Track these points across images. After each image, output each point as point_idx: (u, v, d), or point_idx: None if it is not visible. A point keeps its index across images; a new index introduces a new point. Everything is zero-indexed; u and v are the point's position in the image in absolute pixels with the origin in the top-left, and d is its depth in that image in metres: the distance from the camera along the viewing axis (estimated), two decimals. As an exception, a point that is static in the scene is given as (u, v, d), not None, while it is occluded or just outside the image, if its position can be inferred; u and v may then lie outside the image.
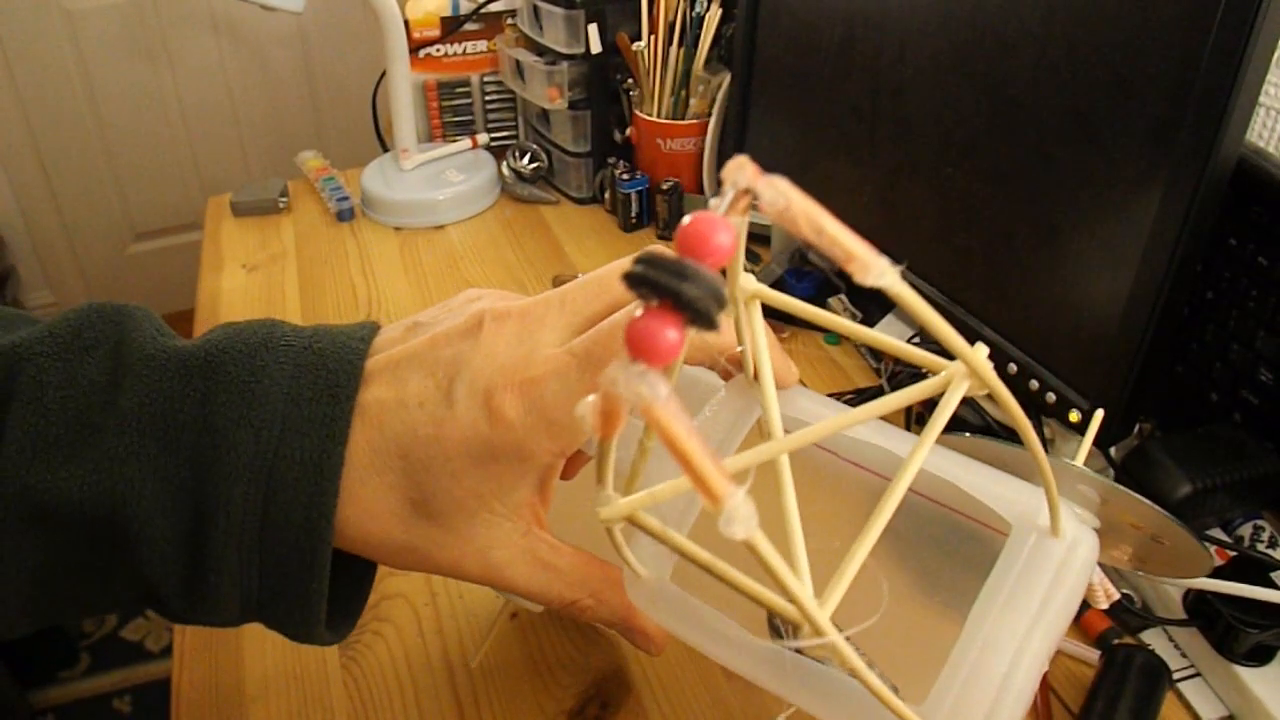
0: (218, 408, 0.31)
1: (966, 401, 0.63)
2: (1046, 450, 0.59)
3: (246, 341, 0.32)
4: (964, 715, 0.29)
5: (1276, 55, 0.42)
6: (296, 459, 0.30)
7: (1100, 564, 0.53)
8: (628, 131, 1.00)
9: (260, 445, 0.30)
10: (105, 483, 0.30)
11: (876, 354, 0.74)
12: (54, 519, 0.30)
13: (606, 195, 1.02)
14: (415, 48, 1.06)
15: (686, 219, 0.19)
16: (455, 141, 1.11)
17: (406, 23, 1.03)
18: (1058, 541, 0.32)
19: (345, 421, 0.31)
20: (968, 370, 0.26)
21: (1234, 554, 0.53)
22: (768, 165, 0.18)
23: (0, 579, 0.31)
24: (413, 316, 0.36)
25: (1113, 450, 0.56)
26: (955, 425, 0.64)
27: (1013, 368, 0.57)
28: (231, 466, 0.30)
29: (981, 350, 0.26)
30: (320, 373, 0.32)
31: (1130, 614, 0.53)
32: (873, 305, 0.74)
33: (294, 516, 0.31)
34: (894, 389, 0.44)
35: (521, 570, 0.34)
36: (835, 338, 0.78)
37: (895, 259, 0.42)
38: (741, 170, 0.21)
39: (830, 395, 0.49)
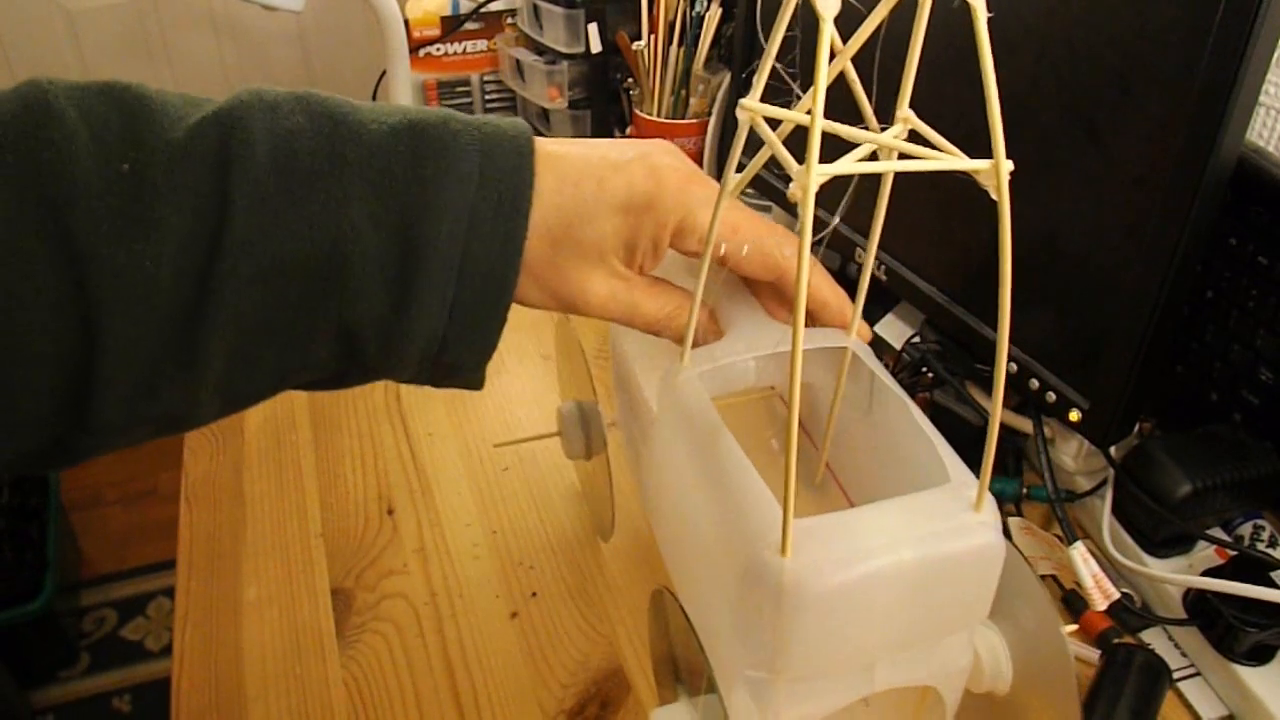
0: (425, 162, 0.36)
1: (966, 401, 0.63)
2: (1047, 451, 0.59)
3: (437, 113, 0.38)
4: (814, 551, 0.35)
5: (1276, 55, 0.42)
6: (493, 202, 0.36)
7: (1100, 564, 0.53)
8: (628, 131, 1.00)
9: (463, 193, 0.36)
10: (329, 227, 0.34)
11: (876, 352, 0.74)
12: (277, 268, 0.34)
13: (606, 195, 1.02)
14: (415, 47, 1.06)
15: None
16: (455, 141, 1.11)
17: (406, 22, 1.03)
18: (974, 513, 0.36)
19: (529, 173, 0.37)
20: (992, 170, 0.32)
21: (1234, 554, 0.53)
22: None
23: (215, 334, 0.33)
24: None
25: (1113, 450, 0.57)
26: (956, 425, 0.64)
27: (1013, 367, 0.57)
28: (439, 211, 0.35)
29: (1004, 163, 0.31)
30: (504, 136, 0.38)
31: (1130, 613, 0.53)
32: (874, 304, 0.74)
33: (491, 250, 0.36)
34: (900, 384, 0.44)
35: (618, 298, 0.42)
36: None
37: (896, 259, 0.43)
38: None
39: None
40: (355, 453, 0.70)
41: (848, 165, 0.32)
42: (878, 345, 0.73)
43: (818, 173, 0.29)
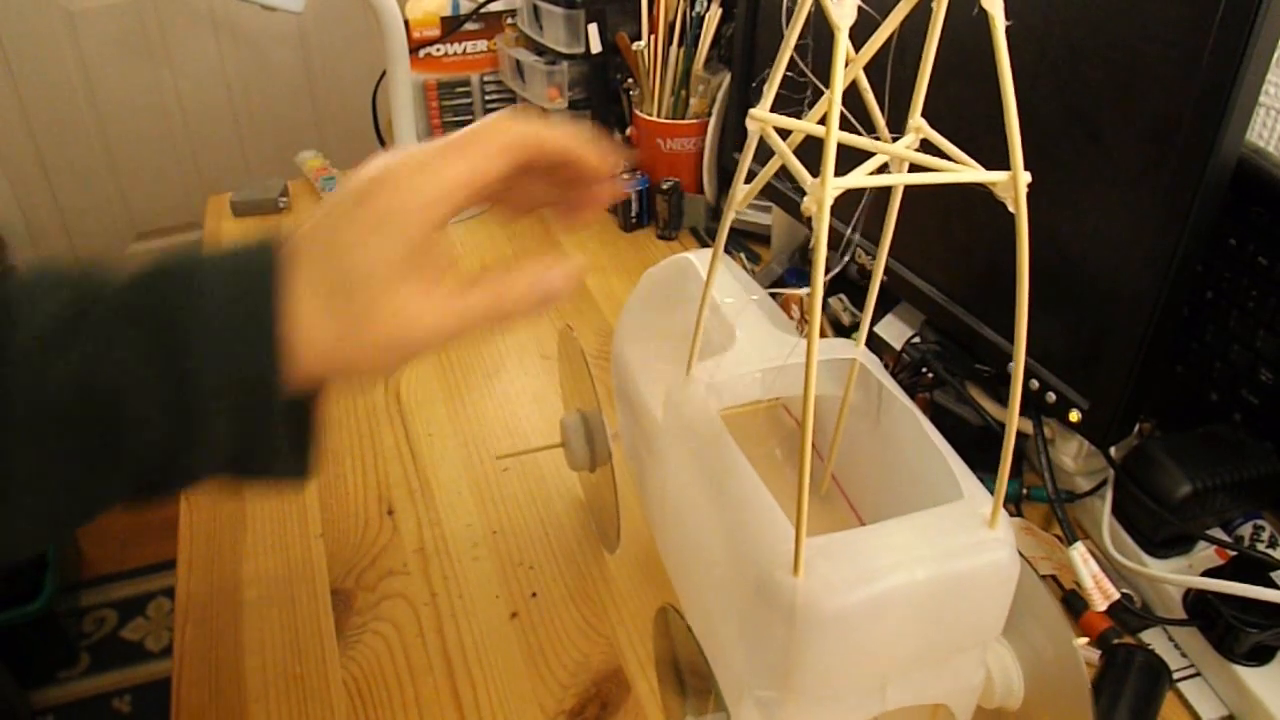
0: (173, 296, 0.37)
1: (967, 402, 0.63)
2: (1047, 451, 0.59)
3: (183, 250, 0.39)
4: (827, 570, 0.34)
5: (1276, 55, 0.42)
6: (243, 315, 0.37)
7: (1100, 564, 0.53)
8: (628, 131, 1.00)
9: (213, 317, 0.36)
10: (96, 372, 0.35)
11: (876, 352, 0.74)
12: (50, 417, 0.35)
13: (606, 195, 1.02)
14: (415, 47, 1.06)
15: None
16: (455, 141, 1.11)
17: (406, 23, 1.03)
18: (988, 530, 0.36)
19: (275, 276, 0.38)
20: (1009, 182, 0.32)
21: (1234, 554, 0.53)
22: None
23: (13, 484, 0.35)
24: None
25: (1113, 450, 0.56)
26: (955, 425, 0.64)
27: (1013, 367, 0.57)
28: (198, 340, 0.36)
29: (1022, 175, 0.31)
30: (247, 251, 0.39)
31: (1130, 614, 0.53)
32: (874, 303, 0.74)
33: (251, 363, 0.37)
34: (900, 383, 0.44)
35: (437, 307, 0.40)
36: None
37: (896, 259, 0.43)
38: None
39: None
40: (355, 453, 0.70)
41: (861, 178, 0.31)
42: (878, 345, 0.73)
43: (832, 186, 0.29)
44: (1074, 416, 0.53)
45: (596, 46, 0.96)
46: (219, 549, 0.62)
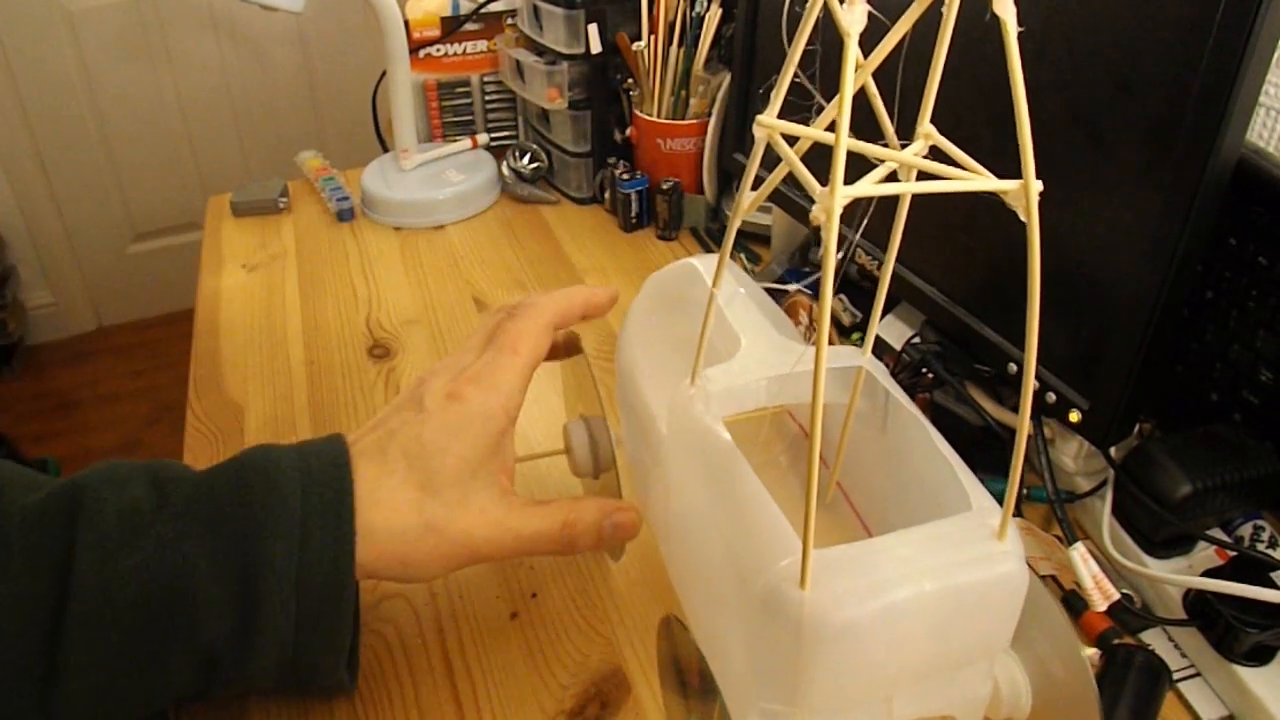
0: (249, 489, 0.39)
1: (967, 402, 0.63)
2: (1047, 451, 0.59)
3: (256, 447, 0.42)
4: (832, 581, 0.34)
5: (1276, 55, 0.42)
6: (318, 511, 0.39)
7: (1100, 564, 0.53)
8: (628, 131, 1.00)
9: (289, 509, 0.38)
10: (163, 563, 0.37)
11: (876, 352, 0.74)
12: (119, 605, 0.36)
13: (606, 195, 1.03)
14: (415, 48, 1.06)
15: None
16: (455, 141, 1.11)
17: (406, 23, 1.03)
18: (997, 542, 0.36)
19: (347, 469, 0.40)
20: (1020, 191, 0.31)
21: (1234, 554, 0.53)
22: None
23: (74, 673, 0.36)
24: (374, 420, 0.46)
25: (1113, 450, 0.57)
26: (955, 425, 0.64)
27: (1012, 367, 0.57)
28: (271, 530, 0.38)
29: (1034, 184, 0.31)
30: (320, 448, 0.41)
31: (1130, 614, 0.53)
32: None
33: (325, 556, 0.38)
34: (900, 384, 0.44)
35: (515, 520, 0.42)
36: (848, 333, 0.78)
37: (897, 258, 0.43)
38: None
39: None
40: (355, 453, 0.70)
41: (870, 187, 0.31)
42: (878, 346, 0.73)
43: (842, 194, 0.29)
44: (1074, 417, 0.53)
45: (596, 46, 0.96)
46: (219, 549, 0.62)
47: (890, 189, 0.31)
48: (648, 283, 0.56)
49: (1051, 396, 0.55)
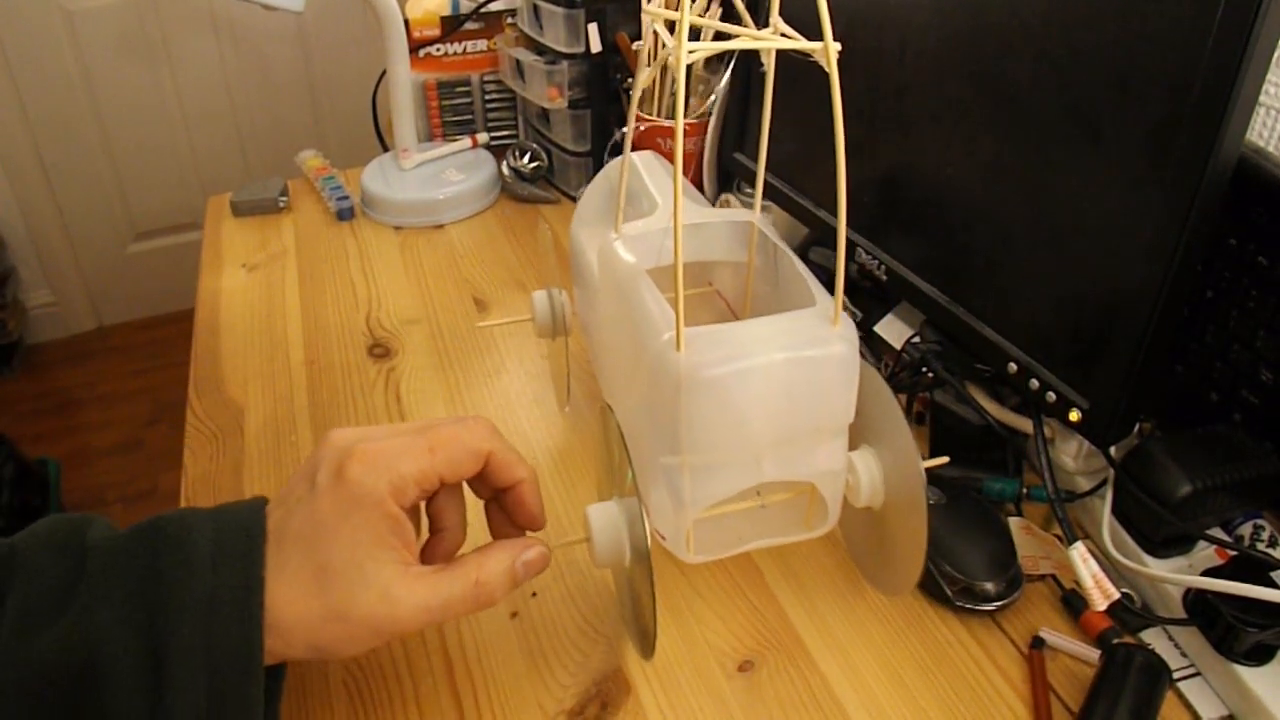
0: (162, 557, 0.39)
1: (967, 402, 0.63)
2: (1047, 451, 0.59)
3: (178, 512, 0.41)
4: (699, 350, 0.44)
5: (1276, 55, 0.42)
6: (228, 587, 0.39)
7: (1100, 564, 0.53)
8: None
9: (198, 582, 0.38)
10: (81, 633, 0.37)
11: (876, 352, 0.74)
12: (40, 681, 0.37)
13: (606, 195, 1.03)
14: (415, 47, 1.06)
15: None
16: (455, 141, 1.11)
17: (406, 22, 1.03)
18: (832, 327, 0.46)
19: (260, 551, 0.40)
20: (823, 50, 0.42)
21: (1234, 554, 0.53)
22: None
23: None
24: (286, 487, 0.45)
25: (1113, 450, 0.57)
26: (955, 425, 0.64)
27: (1013, 367, 0.57)
28: (179, 604, 0.38)
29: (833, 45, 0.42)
30: (236, 519, 0.41)
31: (1130, 613, 0.53)
32: (874, 305, 0.74)
33: (232, 638, 0.38)
34: (894, 387, 0.45)
35: (421, 593, 0.41)
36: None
37: (896, 258, 0.44)
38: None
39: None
40: (355, 453, 0.70)
41: (709, 45, 0.42)
42: (878, 345, 0.73)
43: (687, 49, 0.40)
44: (1074, 416, 0.53)
45: (596, 46, 0.96)
46: (219, 549, 0.62)
47: (721, 46, 0.42)
48: (598, 176, 0.66)
49: (1051, 396, 0.55)
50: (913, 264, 0.65)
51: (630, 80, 0.98)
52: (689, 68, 0.92)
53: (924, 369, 0.66)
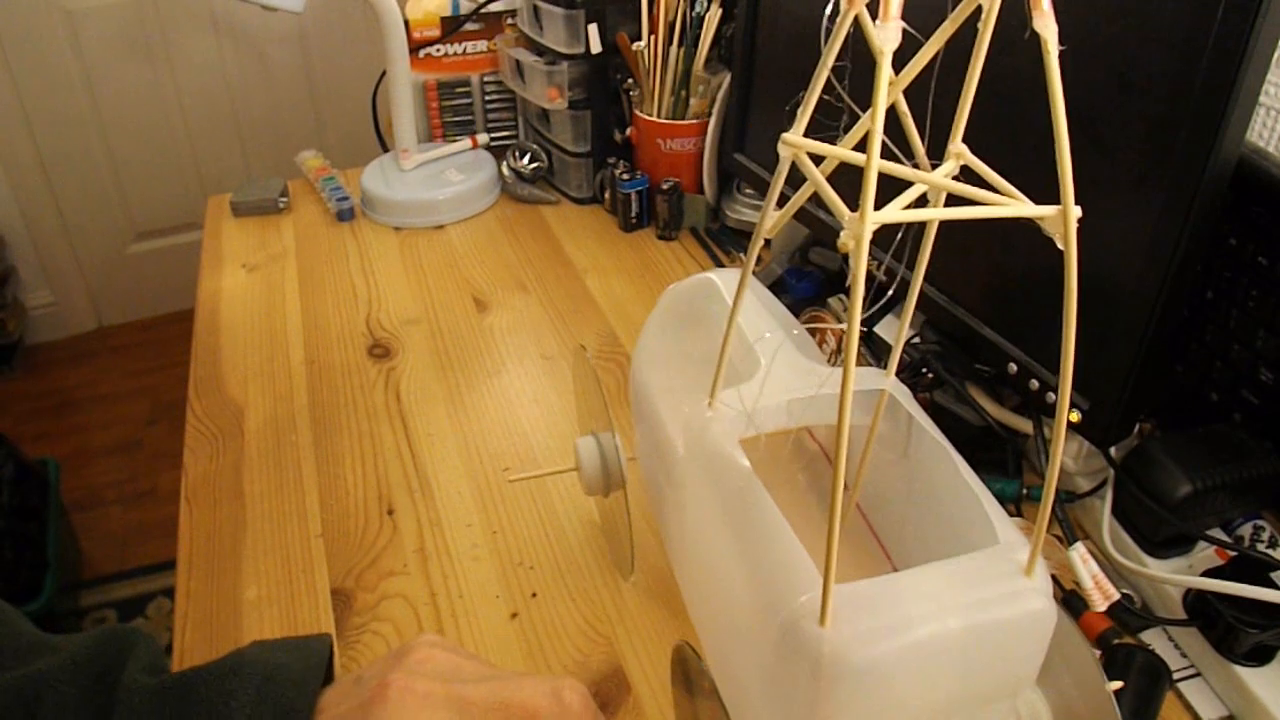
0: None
1: (967, 402, 0.63)
2: (1045, 451, 0.59)
3: (219, 666, 0.37)
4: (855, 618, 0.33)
5: (1276, 55, 0.42)
6: None
7: (1100, 564, 0.53)
8: (628, 131, 1.00)
9: None
10: None
11: (876, 353, 0.74)
12: None
13: (606, 195, 1.03)
14: (415, 48, 1.06)
15: None
16: (455, 141, 1.11)
17: (406, 23, 1.03)
18: (1025, 578, 0.34)
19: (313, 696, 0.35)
20: (1059, 217, 0.29)
21: (1234, 554, 0.53)
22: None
23: None
24: (357, 671, 0.39)
25: (1113, 450, 0.56)
26: (955, 425, 0.64)
27: (1013, 368, 0.57)
28: None
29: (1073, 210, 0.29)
30: (281, 701, 0.36)
31: (1130, 614, 0.53)
32: (874, 305, 0.74)
33: None
34: (900, 383, 0.44)
35: None
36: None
37: (896, 258, 0.43)
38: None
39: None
40: (355, 453, 0.70)
41: (901, 213, 0.28)
42: (877, 345, 0.73)
43: (872, 220, 0.27)
44: (1074, 417, 0.53)
45: (596, 46, 0.96)
46: (219, 549, 0.62)
47: (921, 215, 0.29)
48: (664, 296, 0.55)
49: (1051, 397, 0.55)
50: (912, 264, 0.65)
51: (630, 80, 0.98)
52: (688, 70, 0.93)
53: (924, 369, 0.66)
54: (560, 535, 0.62)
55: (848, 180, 0.27)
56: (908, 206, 0.29)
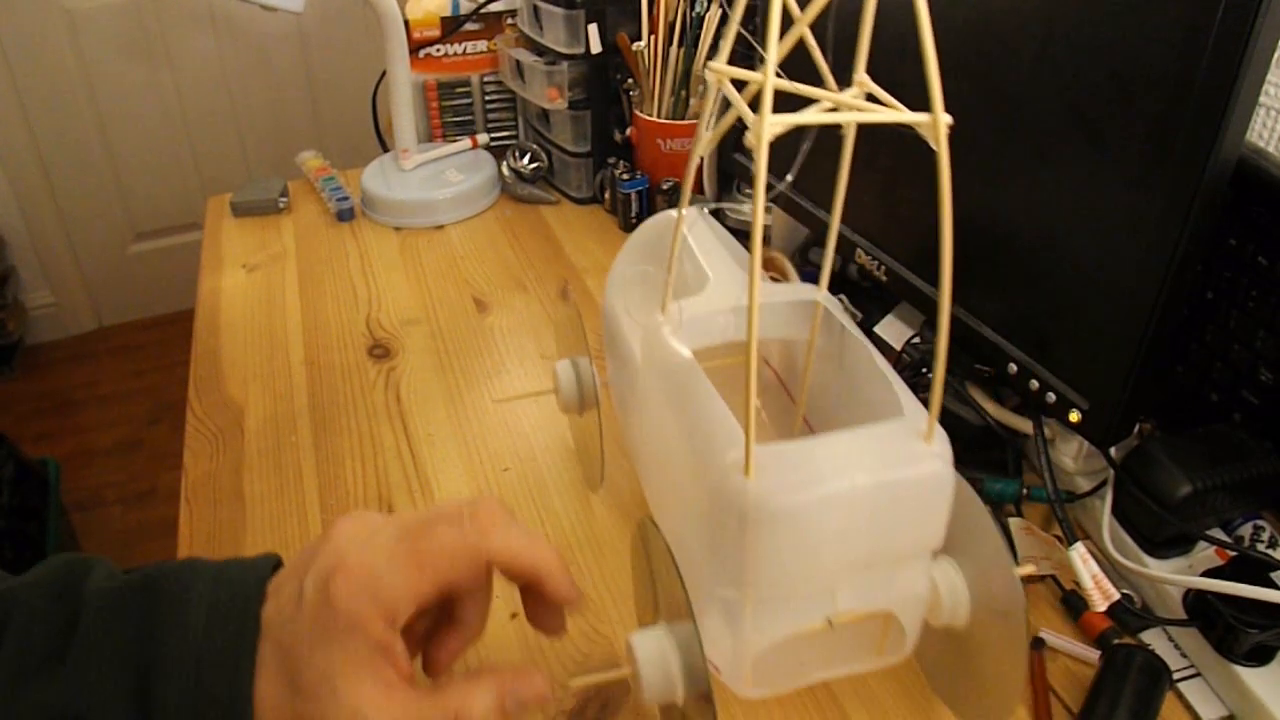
0: (155, 616, 0.38)
1: (967, 402, 0.63)
2: (1047, 451, 0.59)
3: (177, 565, 0.40)
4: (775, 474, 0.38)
5: (1276, 55, 0.42)
6: (217, 655, 0.38)
7: (1100, 564, 0.53)
8: (628, 131, 1.00)
9: (188, 647, 0.38)
10: (70, 694, 0.37)
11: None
12: None
13: (606, 195, 1.03)
14: (415, 48, 1.06)
15: None
16: (455, 141, 1.11)
17: (406, 23, 1.03)
18: (924, 444, 0.40)
19: (254, 628, 0.38)
20: (930, 123, 0.35)
21: (1234, 554, 0.53)
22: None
23: None
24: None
25: (1113, 450, 0.56)
26: (955, 425, 0.64)
27: (1013, 367, 0.57)
28: (168, 667, 0.37)
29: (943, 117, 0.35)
30: (235, 585, 0.39)
31: (1130, 614, 0.53)
32: (873, 305, 0.74)
33: (220, 696, 0.37)
34: (904, 379, 0.44)
35: (399, 710, 0.38)
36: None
37: (896, 258, 0.44)
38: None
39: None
40: (355, 453, 0.70)
41: (796, 116, 0.34)
42: (878, 345, 0.73)
43: (770, 122, 0.32)
44: (1074, 417, 0.53)
45: (596, 47, 0.96)
46: (219, 549, 0.62)
47: (807, 117, 0.34)
48: (633, 234, 0.60)
49: (1051, 397, 0.55)
50: (912, 264, 0.65)
51: (630, 80, 0.98)
52: (688, 70, 0.93)
53: (924, 369, 0.66)
54: (561, 535, 0.62)
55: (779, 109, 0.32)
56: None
